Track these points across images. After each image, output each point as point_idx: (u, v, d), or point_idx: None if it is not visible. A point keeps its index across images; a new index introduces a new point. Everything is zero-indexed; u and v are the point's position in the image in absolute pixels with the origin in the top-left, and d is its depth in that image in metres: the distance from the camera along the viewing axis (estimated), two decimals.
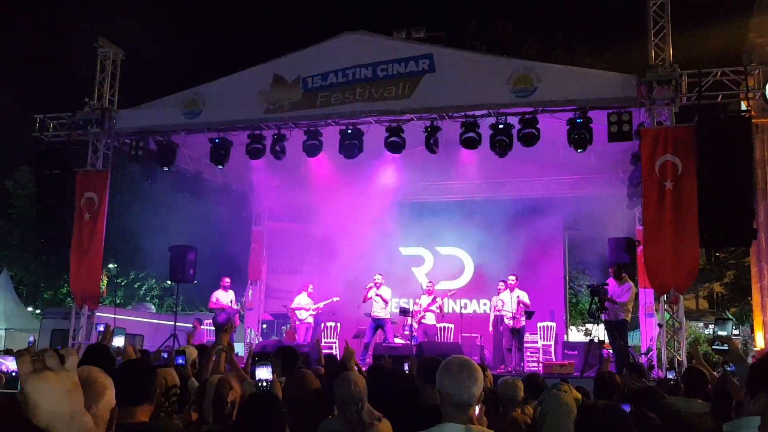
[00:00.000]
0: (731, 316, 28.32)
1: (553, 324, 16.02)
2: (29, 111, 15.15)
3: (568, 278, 18.59)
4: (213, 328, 16.12)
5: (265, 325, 18.59)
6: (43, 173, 14.82)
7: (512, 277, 14.23)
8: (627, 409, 3.77)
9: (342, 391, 4.13)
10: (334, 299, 16.12)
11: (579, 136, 12.18)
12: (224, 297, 15.43)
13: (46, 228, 15.02)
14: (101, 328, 13.15)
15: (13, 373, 5.56)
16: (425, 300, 15.03)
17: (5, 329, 25.76)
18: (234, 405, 4.03)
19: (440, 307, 15.13)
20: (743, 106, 12.85)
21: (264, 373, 3.90)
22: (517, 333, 13.82)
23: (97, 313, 14.59)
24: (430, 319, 14.93)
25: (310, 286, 16.18)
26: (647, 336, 14.41)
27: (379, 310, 14.79)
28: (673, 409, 4.94)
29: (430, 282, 15.70)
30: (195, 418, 4.33)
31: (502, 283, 14.54)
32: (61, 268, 26.64)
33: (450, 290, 15.61)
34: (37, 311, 31.07)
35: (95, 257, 14.06)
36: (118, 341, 5.68)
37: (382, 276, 15.16)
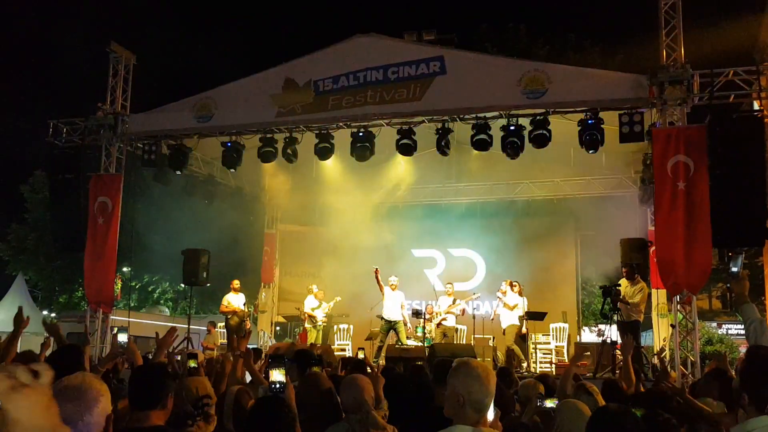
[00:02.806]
0: (739, 305, 28.11)
1: (566, 325, 15.99)
2: (43, 116, 15.28)
3: (580, 279, 18.53)
4: (225, 330, 16.19)
5: (278, 328, 18.65)
6: (56, 178, 14.93)
7: (501, 288, 14.61)
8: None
9: (345, 396, 4.09)
10: (337, 299, 16.14)
11: (590, 137, 12.15)
12: (235, 300, 15.48)
13: (60, 232, 15.13)
14: (115, 331, 13.29)
15: None
16: (445, 301, 15.03)
17: None
18: None
19: (463, 310, 15.14)
20: (756, 106, 12.78)
21: (277, 375, 3.92)
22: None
23: (112, 317, 14.67)
24: (450, 321, 14.95)
25: (315, 287, 16.21)
26: (660, 336, 14.36)
27: (392, 313, 14.78)
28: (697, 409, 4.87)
29: (449, 284, 15.69)
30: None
31: (515, 284, 14.55)
32: (76, 272, 26.79)
33: (475, 294, 15.55)
34: (52, 315, 31.24)
35: (109, 261, 14.13)
36: (122, 337, 5.78)
37: (397, 278, 15.13)
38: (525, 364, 14.01)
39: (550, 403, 4.38)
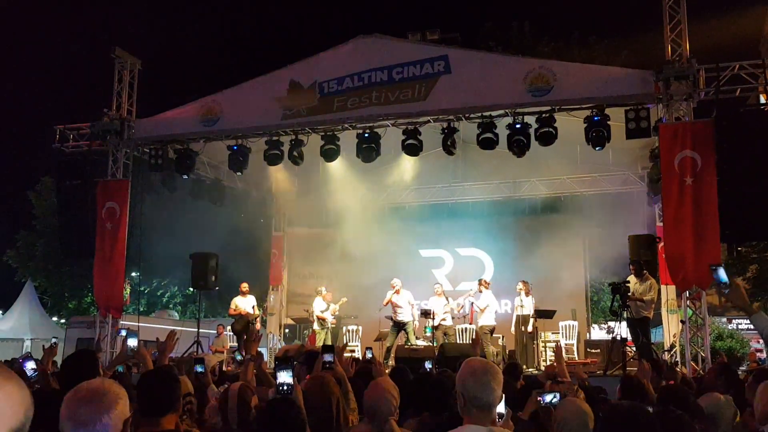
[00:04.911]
0: (748, 316, 28.00)
1: (575, 322, 15.95)
2: (49, 122, 15.32)
3: (588, 276, 18.49)
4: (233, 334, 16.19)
5: (287, 330, 18.67)
6: (64, 184, 14.98)
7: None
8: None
9: (371, 401, 4.03)
10: (343, 300, 16.10)
11: (597, 134, 12.13)
12: (243, 303, 15.46)
13: (68, 238, 15.18)
14: (123, 332, 13.30)
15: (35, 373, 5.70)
16: (436, 302, 15.01)
17: (31, 339, 26.03)
18: (257, 410, 4.06)
19: (461, 308, 15.14)
20: (762, 99, 12.73)
21: (285, 377, 3.92)
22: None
23: (121, 322, 14.70)
24: (448, 320, 14.95)
25: (323, 289, 16.18)
26: (670, 333, 14.32)
27: (401, 314, 14.78)
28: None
29: (438, 284, 15.71)
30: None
31: (521, 284, 14.55)
32: (85, 278, 26.87)
33: (472, 290, 15.56)
34: (62, 321, 31.35)
35: (118, 266, 14.16)
36: (132, 342, 5.80)
37: (400, 280, 15.09)
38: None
39: (549, 398, 4.36)
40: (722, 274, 4.51)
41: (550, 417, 4.14)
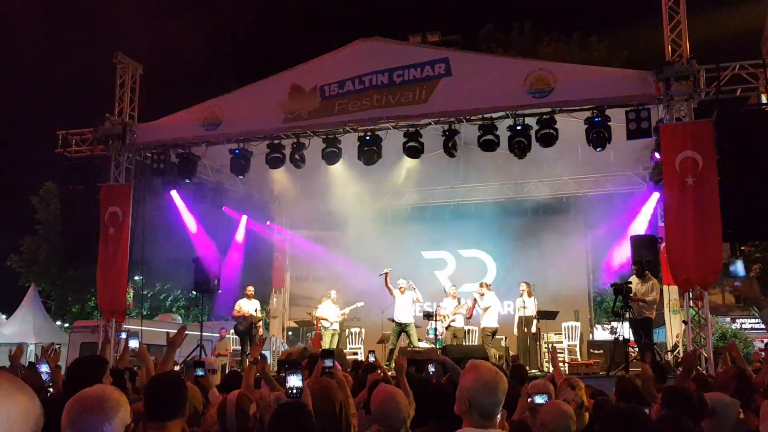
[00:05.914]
0: (758, 311, 28.01)
1: (578, 324, 15.95)
2: (52, 128, 15.36)
3: (591, 277, 18.48)
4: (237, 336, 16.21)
5: (290, 332, 18.68)
6: (67, 189, 15.02)
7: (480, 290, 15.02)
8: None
9: (380, 406, 4.02)
10: (359, 304, 16.09)
11: (598, 135, 12.14)
12: (247, 306, 15.48)
13: (71, 243, 15.21)
14: (123, 335, 13.31)
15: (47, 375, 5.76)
16: (449, 303, 15.03)
17: (35, 344, 26.03)
18: (256, 418, 4.07)
19: (470, 310, 15.13)
20: (763, 99, 12.74)
21: (294, 380, 3.94)
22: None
23: (124, 326, 14.72)
24: (459, 321, 14.97)
25: (333, 293, 16.18)
26: (673, 333, 14.32)
27: (402, 315, 14.78)
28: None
29: (453, 286, 15.71)
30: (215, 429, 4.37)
31: (524, 285, 14.55)
32: (88, 282, 26.88)
33: (480, 291, 15.54)
34: (65, 325, 31.36)
35: (121, 270, 14.16)
36: (133, 343, 5.84)
37: (405, 281, 15.07)
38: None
39: (539, 399, 4.38)
40: (740, 268, 4.73)
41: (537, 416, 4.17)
